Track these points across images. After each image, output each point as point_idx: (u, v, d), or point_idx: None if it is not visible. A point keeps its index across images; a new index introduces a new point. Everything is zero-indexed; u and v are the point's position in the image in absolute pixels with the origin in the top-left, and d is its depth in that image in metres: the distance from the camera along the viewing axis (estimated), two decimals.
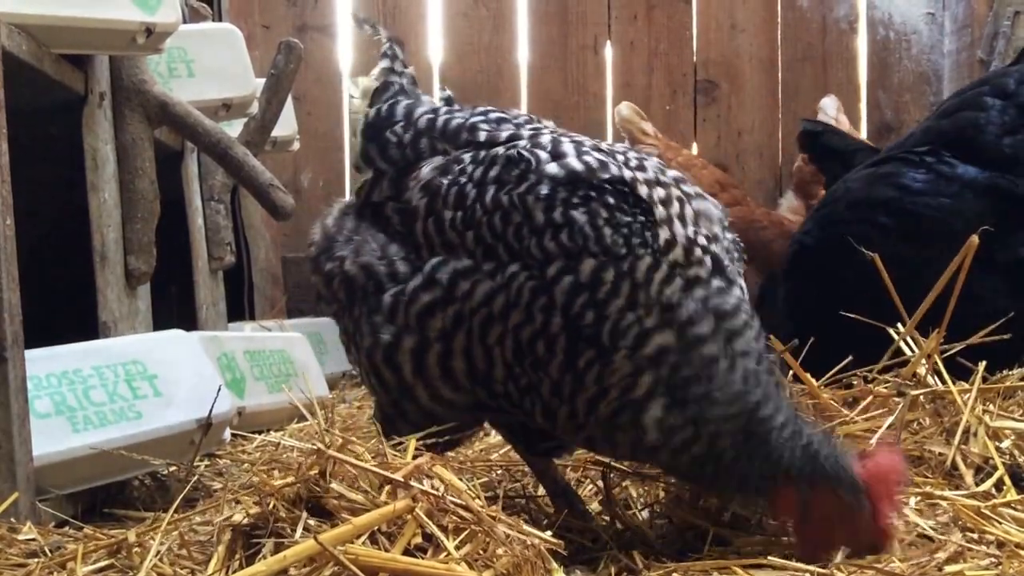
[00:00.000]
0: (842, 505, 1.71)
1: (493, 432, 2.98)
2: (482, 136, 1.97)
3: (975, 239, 2.33)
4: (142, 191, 3.08)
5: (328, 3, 5.64)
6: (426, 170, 1.97)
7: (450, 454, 2.21)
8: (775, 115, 5.80)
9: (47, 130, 2.95)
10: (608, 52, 5.79)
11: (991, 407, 2.27)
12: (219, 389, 2.24)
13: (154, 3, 2.80)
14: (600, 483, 2.13)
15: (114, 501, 2.38)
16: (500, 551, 1.43)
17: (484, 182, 1.89)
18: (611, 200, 1.79)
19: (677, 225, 1.80)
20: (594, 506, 2.14)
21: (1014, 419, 2.25)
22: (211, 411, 2.24)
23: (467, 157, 1.95)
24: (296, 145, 4.67)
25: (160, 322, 3.20)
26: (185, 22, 3.42)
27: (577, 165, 1.84)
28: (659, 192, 1.83)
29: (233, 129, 3.61)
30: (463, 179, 1.91)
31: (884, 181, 3.04)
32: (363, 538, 1.41)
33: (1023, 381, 2.43)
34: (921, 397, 2.31)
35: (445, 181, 1.93)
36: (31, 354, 2.17)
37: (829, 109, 4.90)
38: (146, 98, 3.09)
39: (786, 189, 5.61)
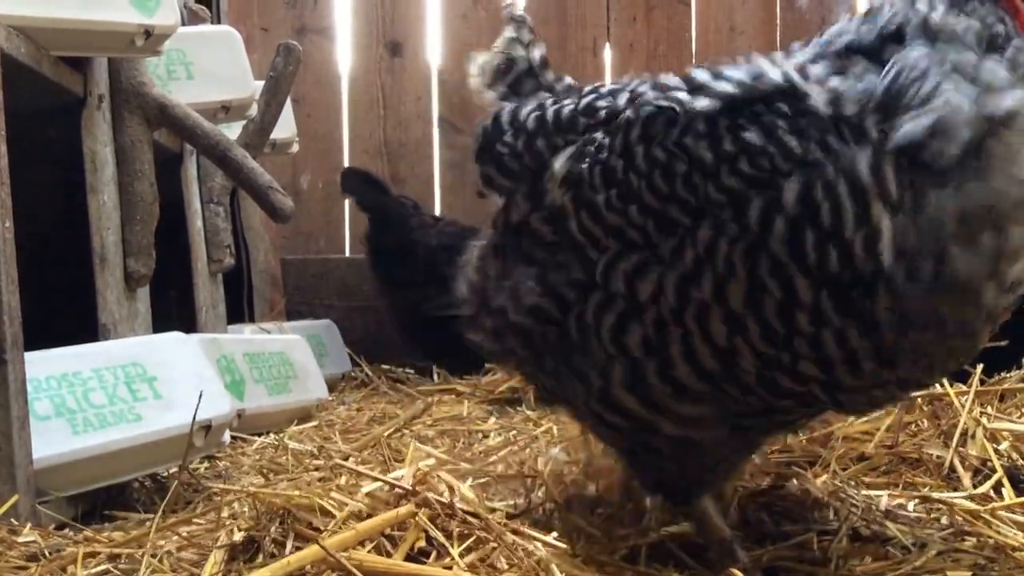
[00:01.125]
0: None
1: (492, 433, 2.98)
2: (603, 113, 1.75)
3: None
4: (141, 193, 3.08)
5: (327, 5, 5.64)
6: (558, 164, 1.75)
7: (465, 464, 2.19)
8: None
9: (46, 132, 2.95)
10: (607, 54, 5.79)
11: (988, 409, 2.27)
12: (200, 395, 2.16)
13: (153, 5, 2.80)
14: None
15: (114, 503, 2.37)
16: (504, 557, 1.43)
17: (628, 146, 1.64)
18: (784, 108, 1.51)
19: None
20: None
21: (1011, 421, 2.25)
22: (194, 417, 2.20)
23: (597, 136, 1.72)
24: (295, 147, 4.67)
25: (160, 324, 3.20)
26: (184, 24, 3.42)
27: (727, 87, 1.58)
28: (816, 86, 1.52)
29: (232, 131, 3.61)
30: (603, 155, 1.68)
31: None
32: (367, 545, 1.41)
33: (1021, 383, 2.44)
34: (919, 399, 2.32)
35: (584, 166, 1.70)
36: (31, 356, 2.16)
37: None
38: (145, 100, 3.09)
39: None
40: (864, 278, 1.43)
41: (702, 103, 1.58)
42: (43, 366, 2.25)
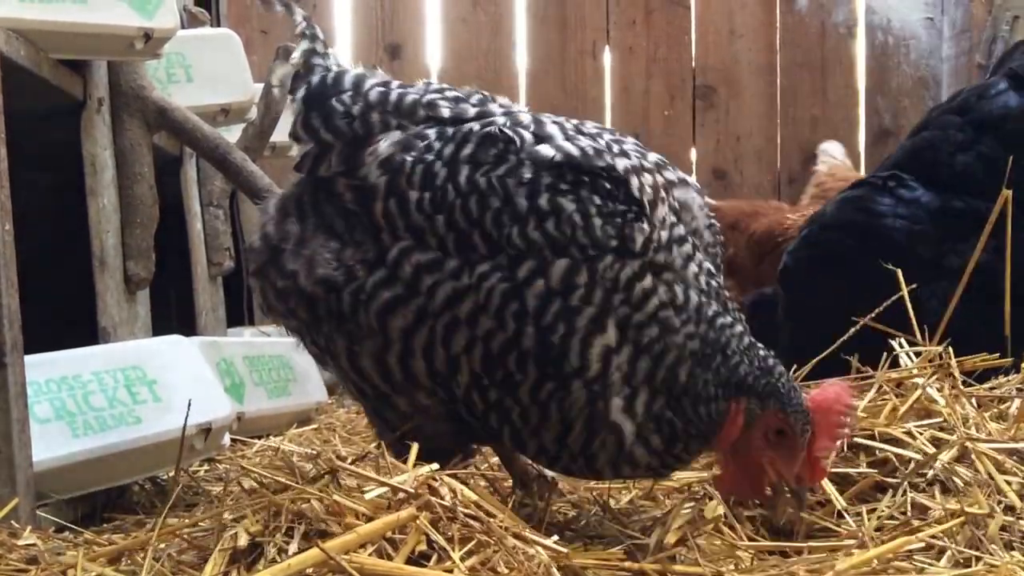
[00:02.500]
0: (786, 427, 1.70)
1: None
2: (445, 112, 1.85)
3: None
4: (141, 196, 3.07)
5: (327, 8, 5.65)
6: (385, 145, 1.83)
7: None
8: (773, 120, 5.80)
9: (46, 135, 2.95)
10: (607, 57, 5.80)
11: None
12: (190, 401, 2.16)
13: (152, 8, 2.80)
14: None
15: (114, 506, 2.37)
16: (505, 561, 1.43)
17: (456, 160, 1.75)
18: (606, 187, 1.71)
19: (660, 214, 1.73)
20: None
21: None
22: (186, 420, 2.18)
23: (432, 133, 1.81)
24: (295, 151, 4.66)
25: (159, 327, 3.20)
26: (183, 27, 3.42)
27: (569, 147, 1.74)
28: (647, 181, 1.75)
29: (232, 134, 3.61)
30: (430, 156, 1.78)
31: (853, 205, 3.22)
32: (369, 548, 1.40)
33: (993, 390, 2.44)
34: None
35: (409, 158, 1.79)
36: (31, 359, 2.16)
37: (835, 152, 4.86)
38: (145, 103, 3.09)
39: (784, 194, 5.62)
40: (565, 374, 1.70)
41: (543, 151, 1.73)
42: (43, 369, 2.24)
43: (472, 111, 1.86)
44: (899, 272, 2.65)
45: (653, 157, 1.84)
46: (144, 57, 2.93)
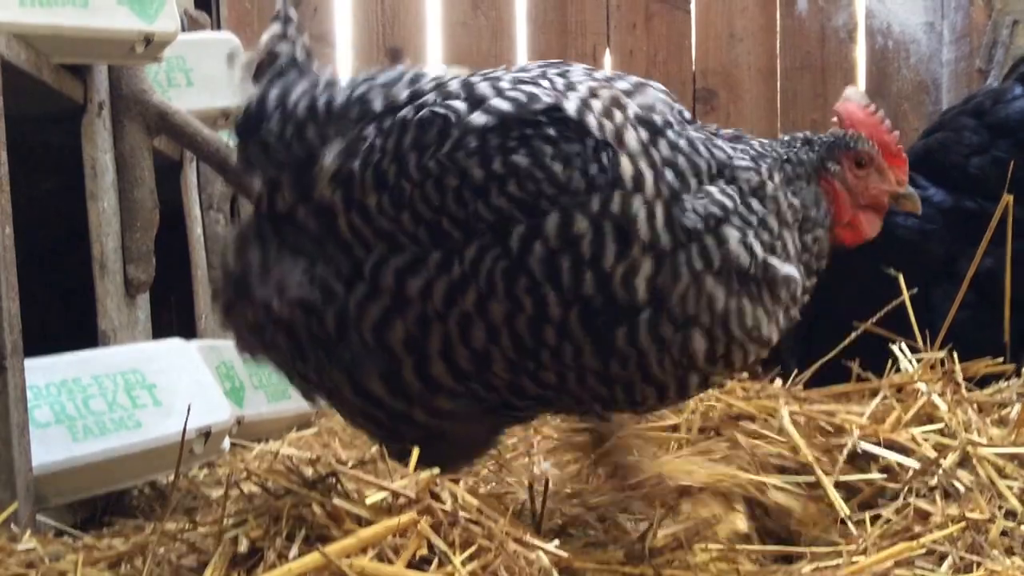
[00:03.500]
0: (862, 157, 1.84)
1: None
2: (378, 104, 1.73)
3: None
4: (141, 200, 3.07)
5: (327, 12, 5.65)
6: (329, 159, 1.70)
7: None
8: (774, 124, 5.80)
9: (46, 139, 2.95)
10: (607, 61, 5.79)
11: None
12: (189, 408, 2.14)
13: (153, 12, 2.80)
14: None
15: (113, 510, 2.37)
16: (505, 566, 1.42)
17: (401, 152, 1.64)
18: (552, 132, 1.59)
19: (629, 137, 1.62)
20: None
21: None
22: (185, 425, 2.17)
23: (371, 131, 1.70)
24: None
25: (159, 331, 3.19)
26: (184, 31, 3.42)
27: (503, 105, 1.61)
28: (597, 106, 1.63)
29: (232, 138, 3.61)
30: (376, 156, 1.66)
31: None
32: (369, 552, 1.40)
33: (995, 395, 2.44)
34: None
35: (355, 165, 1.67)
36: (30, 363, 2.16)
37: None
38: (145, 107, 3.09)
39: None
40: (617, 308, 1.58)
41: (477, 118, 1.61)
42: (43, 373, 2.24)
43: (404, 94, 1.73)
44: (900, 276, 2.65)
45: (601, 74, 1.73)
46: (145, 61, 2.93)
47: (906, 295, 2.61)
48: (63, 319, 2.94)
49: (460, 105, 1.64)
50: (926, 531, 1.76)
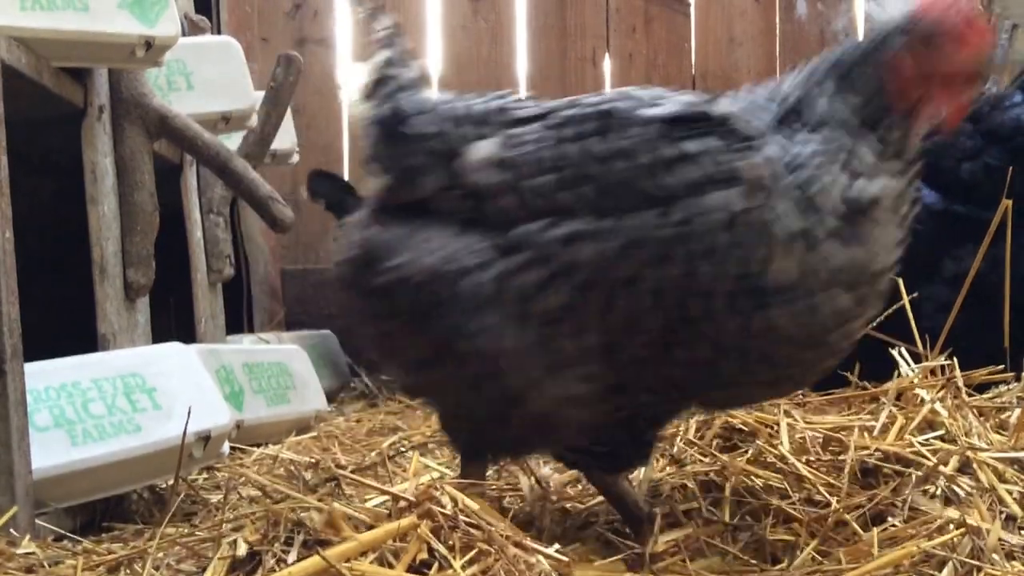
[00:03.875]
0: (928, 25, 1.74)
1: None
2: (519, 114, 1.87)
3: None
4: (141, 204, 3.07)
5: (327, 16, 5.65)
6: (484, 146, 1.82)
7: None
8: None
9: (46, 143, 2.95)
10: (607, 64, 5.80)
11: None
12: (189, 412, 2.15)
13: (153, 16, 2.80)
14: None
15: (113, 514, 2.37)
16: (505, 571, 1.42)
17: (562, 140, 1.76)
18: (719, 130, 1.72)
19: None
20: None
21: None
22: (185, 429, 2.17)
23: (521, 131, 1.82)
24: (295, 158, 4.67)
25: (159, 335, 3.19)
26: (184, 35, 3.42)
27: (670, 106, 1.76)
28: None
29: (232, 142, 3.61)
30: (530, 147, 1.78)
31: None
32: (369, 556, 1.40)
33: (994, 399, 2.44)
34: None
35: (513, 154, 1.79)
36: (30, 367, 2.16)
37: None
38: (145, 111, 3.09)
39: None
40: (765, 291, 1.64)
41: (646, 111, 1.74)
42: (42, 377, 2.24)
43: (556, 103, 1.88)
44: (900, 281, 2.65)
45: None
46: (145, 65, 2.93)
47: (906, 299, 2.61)
48: (62, 323, 2.94)
49: (621, 104, 1.77)
50: (926, 536, 1.76)
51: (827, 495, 1.96)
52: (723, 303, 1.65)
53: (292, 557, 1.43)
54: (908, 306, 2.62)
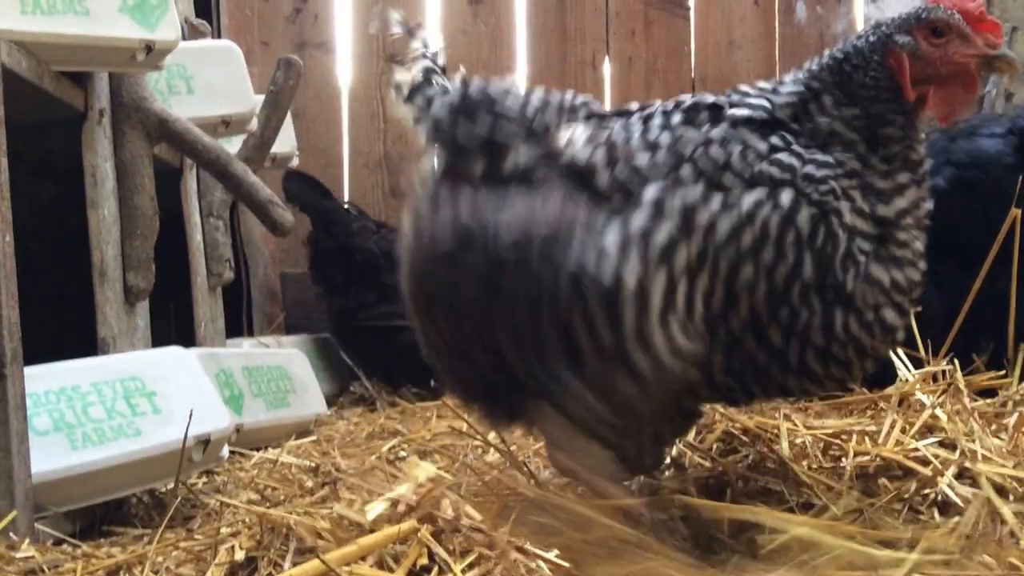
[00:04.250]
0: (936, 22, 1.78)
1: (492, 449, 2.96)
2: (603, 111, 1.96)
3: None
4: (141, 207, 3.08)
5: (327, 20, 5.66)
6: (580, 129, 1.89)
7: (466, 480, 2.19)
8: None
9: (47, 147, 2.95)
10: (607, 68, 5.80)
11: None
12: (190, 416, 2.14)
13: (154, 20, 2.81)
14: None
15: (112, 518, 2.36)
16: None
17: (669, 126, 1.83)
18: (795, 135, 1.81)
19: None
20: None
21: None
22: (186, 434, 2.18)
23: (611, 123, 1.90)
24: (296, 161, 4.67)
25: (159, 338, 3.19)
26: (184, 39, 3.43)
27: (755, 106, 1.84)
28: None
29: (232, 145, 3.61)
30: (636, 131, 1.84)
31: None
32: (369, 560, 1.40)
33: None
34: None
35: (611, 133, 1.85)
36: (30, 371, 2.16)
37: None
38: (146, 115, 3.09)
39: None
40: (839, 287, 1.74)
41: (739, 112, 1.83)
42: (42, 380, 2.24)
43: (633, 106, 1.96)
44: None
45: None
46: (146, 69, 2.94)
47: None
48: (62, 326, 2.94)
49: (723, 99, 1.87)
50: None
51: (825, 500, 1.96)
52: (801, 295, 1.72)
53: (288, 563, 1.43)
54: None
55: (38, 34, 2.54)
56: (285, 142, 4.26)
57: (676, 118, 1.85)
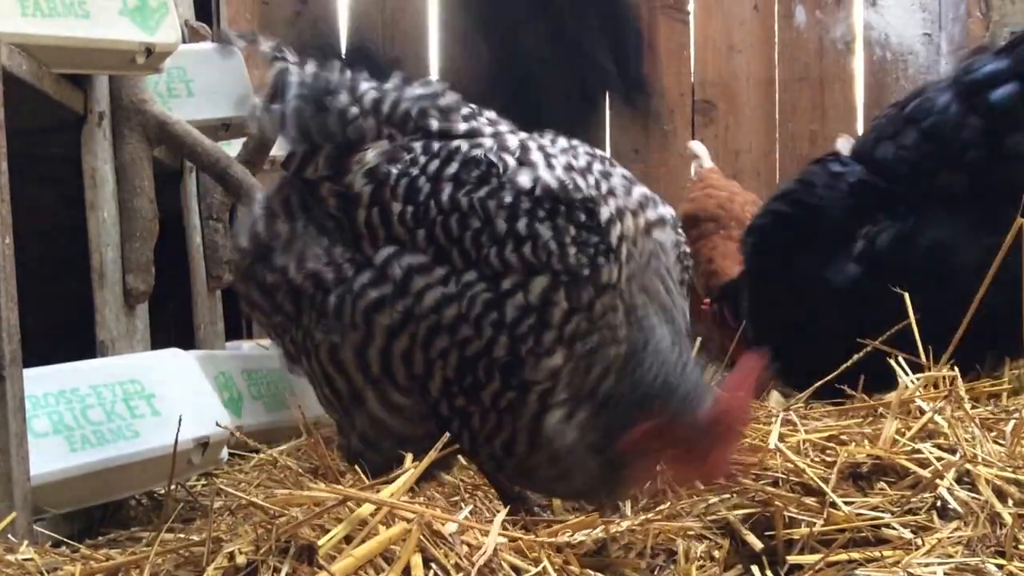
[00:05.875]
0: (680, 434, 1.74)
1: None
2: (433, 125, 1.91)
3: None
4: (141, 210, 3.08)
5: (327, 23, 5.66)
6: (372, 154, 1.88)
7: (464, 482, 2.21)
8: (772, 135, 5.81)
9: (46, 149, 2.96)
10: None
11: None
12: (180, 420, 2.15)
13: (154, 23, 2.81)
14: None
15: (111, 521, 2.37)
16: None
17: (439, 178, 1.82)
18: (581, 218, 1.76)
19: (626, 252, 1.80)
20: None
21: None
22: (176, 438, 2.17)
23: (418, 147, 1.88)
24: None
25: (158, 341, 3.19)
26: (185, 42, 3.43)
27: (549, 179, 1.79)
28: (621, 218, 1.82)
29: (232, 149, 3.61)
30: (414, 171, 1.84)
31: (796, 178, 3.48)
32: (366, 564, 1.40)
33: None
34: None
35: (394, 170, 1.85)
36: (29, 373, 2.16)
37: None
38: (145, 117, 3.10)
39: None
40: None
41: (521, 179, 1.79)
42: (41, 383, 2.25)
43: (462, 127, 1.92)
44: (906, 296, 2.66)
45: (637, 194, 1.89)
46: (146, 72, 2.94)
47: (912, 315, 2.62)
48: (62, 329, 2.94)
49: (511, 160, 1.82)
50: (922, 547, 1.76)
51: (817, 504, 1.96)
52: (499, 380, 1.79)
53: (286, 568, 1.43)
54: (913, 319, 2.62)
55: (38, 36, 2.54)
56: (284, 146, 4.25)
57: (450, 168, 1.84)
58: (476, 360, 1.77)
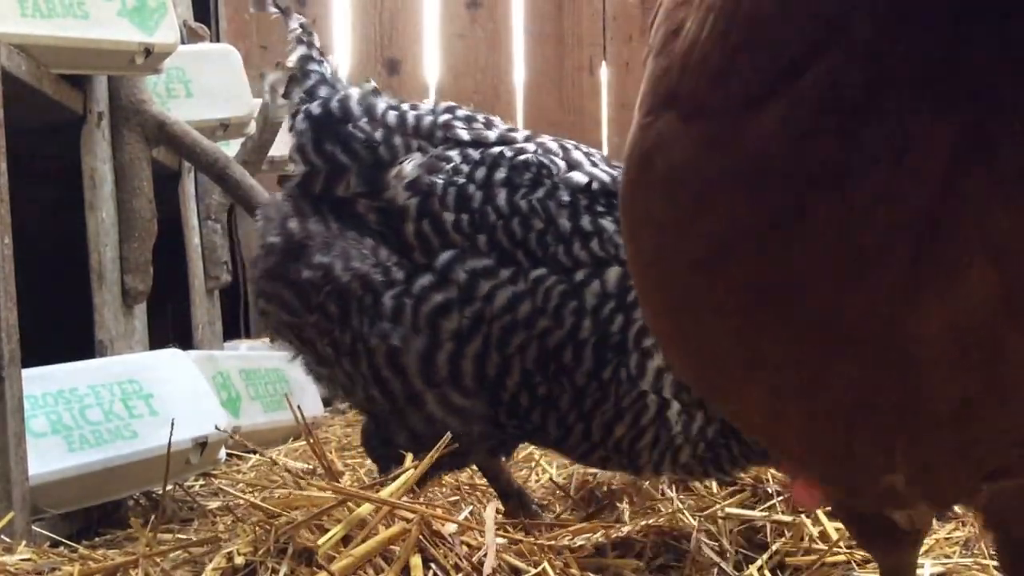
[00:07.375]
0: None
1: None
2: (463, 135, 1.92)
3: None
4: (139, 210, 3.08)
5: (326, 23, 5.67)
6: (409, 167, 1.88)
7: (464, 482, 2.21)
8: None
9: (46, 149, 2.96)
10: (604, 72, 5.82)
11: None
12: (173, 421, 2.16)
13: (153, 24, 2.81)
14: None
15: (109, 521, 2.37)
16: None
17: (490, 184, 1.83)
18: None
19: None
20: None
21: None
22: (170, 439, 2.17)
23: (455, 155, 1.88)
24: (292, 167, 4.66)
25: (156, 341, 3.20)
26: (183, 43, 3.43)
27: (601, 174, 1.84)
28: None
29: (231, 149, 3.62)
30: (460, 179, 1.85)
31: None
32: (365, 564, 1.41)
33: None
34: None
35: (439, 180, 1.86)
36: (27, 373, 2.16)
37: None
38: (144, 118, 3.10)
39: None
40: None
41: (576, 178, 1.83)
42: (40, 383, 2.25)
43: (493, 135, 1.93)
44: None
45: None
46: (144, 72, 2.95)
47: None
48: (60, 329, 2.94)
49: (560, 162, 1.85)
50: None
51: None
52: (590, 362, 1.80)
53: (285, 568, 1.43)
54: None
55: (38, 37, 2.55)
56: (283, 145, 4.25)
57: (499, 174, 1.85)
58: (560, 349, 1.77)
